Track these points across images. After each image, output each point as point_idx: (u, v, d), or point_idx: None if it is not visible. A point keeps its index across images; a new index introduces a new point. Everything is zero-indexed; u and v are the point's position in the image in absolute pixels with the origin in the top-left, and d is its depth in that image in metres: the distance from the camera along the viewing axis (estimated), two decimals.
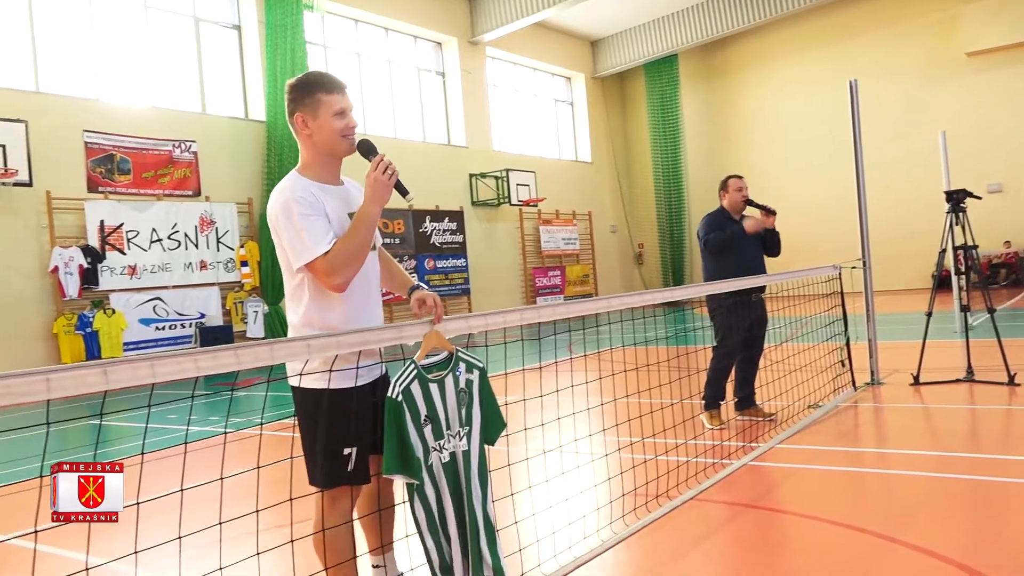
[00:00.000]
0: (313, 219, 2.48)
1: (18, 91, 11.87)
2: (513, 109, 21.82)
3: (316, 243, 2.45)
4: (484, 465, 2.71)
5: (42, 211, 11.76)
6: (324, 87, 2.60)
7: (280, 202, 2.51)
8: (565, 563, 3.35)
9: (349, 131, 2.63)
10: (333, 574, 2.56)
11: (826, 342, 6.96)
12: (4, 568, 3.31)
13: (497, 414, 2.77)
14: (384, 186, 2.54)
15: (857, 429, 5.86)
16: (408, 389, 2.50)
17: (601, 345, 11.36)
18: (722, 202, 6.20)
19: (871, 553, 3.27)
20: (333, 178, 2.70)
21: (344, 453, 2.50)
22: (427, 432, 2.53)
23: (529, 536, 3.42)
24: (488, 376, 2.77)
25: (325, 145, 2.62)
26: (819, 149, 21.29)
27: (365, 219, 2.52)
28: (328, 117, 2.59)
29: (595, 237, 23.08)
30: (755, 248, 6.10)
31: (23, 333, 11.47)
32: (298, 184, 2.57)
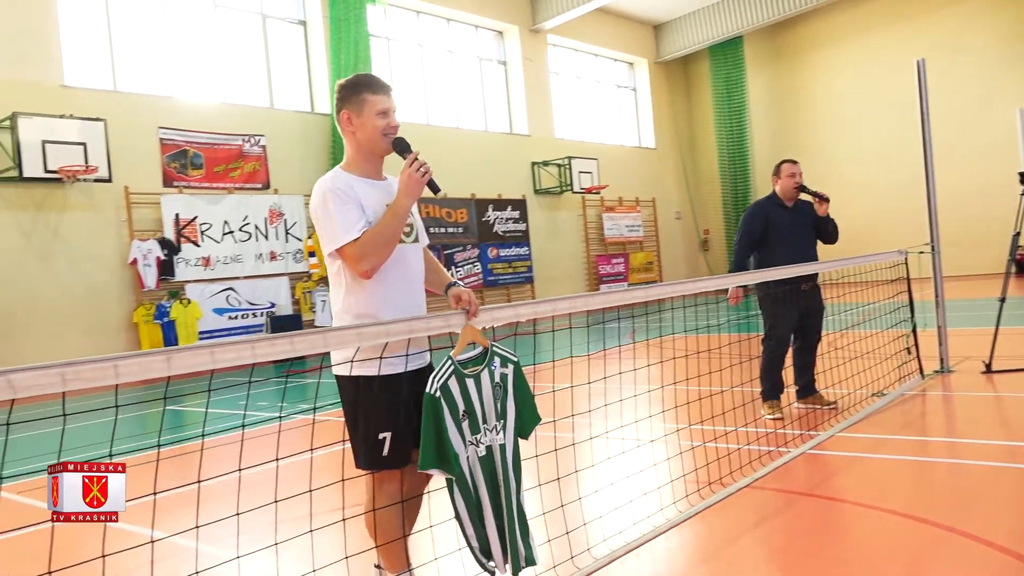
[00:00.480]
0: (346, 208, 2.60)
1: (97, 91, 12.40)
2: (575, 96, 21.74)
3: (347, 230, 2.57)
4: (518, 458, 2.78)
5: (121, 205, 12.27)
6: (370, 87, 2.74)
7: (319, 194, 2.65)
8: (616, 547, 3.40)
9: (390, 131, 2.75)
10: (383, 551, 2.69)
11: (891, 329, 6.80)
12: (79, 541, 3.53)
13: (531, 408, 2.81)
14: (417, 183, 2.65)
15: (924, 418, 5.73)
16: (446, 385, 2.56)
17: (664, 332, 11.30)
18: (774, 188, 6.02)
19: (927, 543, 3.23)
20: (375, 174, 2.82)
21: (379, 438, 2.60)
22: (465, 427, 2.59)
23: (576, 519, 3.48)
24: (523, 370, 2.81)
25: (367, 142, 2.76)
26: (888, 131, 20.62)
27: (396, 211, 2.64)
28: (371, 116, 2.72)
29: (659, 223, 22.88)
30: (804, 240, 5.91)
31: (106, 323, 12.02)
32: (338, 178, 2.70)
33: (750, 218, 5.94)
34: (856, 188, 21.36)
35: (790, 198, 5.95)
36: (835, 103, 22.23)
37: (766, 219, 5.86)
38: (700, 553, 3.39)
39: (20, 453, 6.18)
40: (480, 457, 2.63)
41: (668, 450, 4.64)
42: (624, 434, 4.84)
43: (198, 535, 2.18)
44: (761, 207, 5.98)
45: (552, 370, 5.73)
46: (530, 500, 3.44)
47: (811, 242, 5.97)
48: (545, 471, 3.74)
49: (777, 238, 5.83)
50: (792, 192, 5.91)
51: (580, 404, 4.66)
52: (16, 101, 11.15)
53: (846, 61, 22.02)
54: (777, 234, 5.83)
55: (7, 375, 1.77)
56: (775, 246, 5.82)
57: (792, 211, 5.94)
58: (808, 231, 5.94)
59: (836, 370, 6.17)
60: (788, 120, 23.22)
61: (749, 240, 5.88)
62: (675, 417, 5.45)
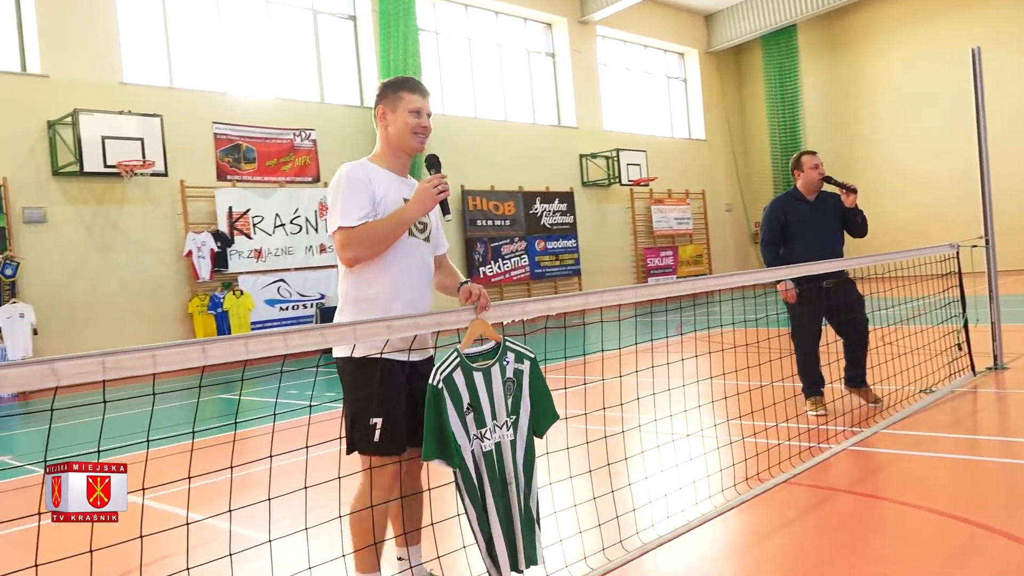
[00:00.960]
0: (356, 195, 2.65)
1: (154, 87, 12.76)
2: (624, 88, 21.60)
3: (345, 216, 2.61)
4: (531, 456, 2.75)
5: (176, 199, 12.61)
6: (408, 87, 2.83)
7: (337, 176, 2.72)
8: (648, 540, 3.41)
9: (421, 130, 2.81)
10: (356, 547, 2.67)
11: (941, 324, 6.64)
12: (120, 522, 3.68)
13: (548, 406, 2.78)
14: (432, 197, 2.70)
15: (974, 415, 5.60)
16: (450, 377, 2.55)
17: (712, 325, 11.21)
18: (796, 182, 5.79)
19: (966, 542, 3.17)
20: (400, 171, 2.87)
21: (371, 423, 2.60)
22: (469, 420, 2.57)
23: (609, 511, 3.49)
24: (540, 367, 2.79)
25: (396, 137, 2.82)
26: (943, 121, 20.03)
27: (401, 215, 2.67)
28: (404, 112, 2.79)
29: (709, 216, 22.62)
30: (826, 235, 5.68)
31: (162, 313, 12.39)
32: (360, 166, 2.76)
33: (766, 218, 5.80)
34: (911, 180, 20.86)
35: (813, 191, 5.74)
36: (890, 93, 21.69)
37: (784, 217, 5.70)
38: (733, 547, 3.39)
39: (67, 440, 6.43)
40: (485, 452, 2.61)
41: (706, 444, 4.62)
42: (665, 427, 4.84)
43: (231, 518, 2.27)
44: (778, 204, 5.80)
45: (601, 361, 5.76)
46: (565, 489, 3.48)
47: (835, 236, 5.73)
48: (580, 462, 3.76)
49: (795, 234, 5.67)
50: (816, 184, 5.70)
51: (625, 395, 4.66)
52: (78, 98, 11.54)
53: (901, 50, 21.46)
54: (796, 230, 5.66)
55: (51, 363, 1.86)
56: (795, 242, 5.67)
57: (814, 205, 5.74)
58: (832, 225, 5.72)
59: (884, 366, 6.04)
60: (842, 111, 22.72)
61: (769, 239, 5.75)
62: (718, 411, 5.42)
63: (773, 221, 5.73)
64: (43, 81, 11.59)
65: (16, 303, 10.74)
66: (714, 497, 3.88)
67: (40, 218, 11.34)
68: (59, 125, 11.41)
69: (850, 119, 22.53)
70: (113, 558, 2.30)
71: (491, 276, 16.98)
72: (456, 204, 16.68)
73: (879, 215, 21.68)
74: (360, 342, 2.56)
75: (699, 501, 3.82)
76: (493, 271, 17.05)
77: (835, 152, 21.79)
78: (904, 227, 19.43)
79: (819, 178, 5.67)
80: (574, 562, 3.13)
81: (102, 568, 2.74)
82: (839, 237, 5.74)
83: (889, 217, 21.04)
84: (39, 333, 10.91)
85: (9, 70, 11.57)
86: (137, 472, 2.59)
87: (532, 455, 2.75)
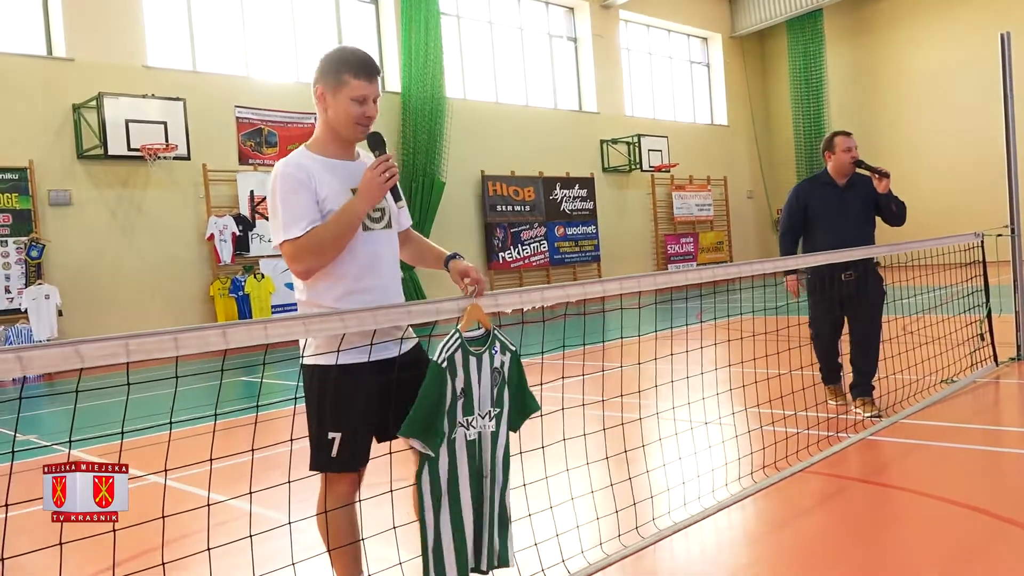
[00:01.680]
0: (294, 199, 2.38)
1: (178, 71, 12.85)
2: (646, 73, 21.45)
3: (288, 228, 2.37)
4: (507, 451, 2.62)
5: (199, 182, 12.71)
6: (351, 68, 2.44)
7: (272, 176, 2.45)
8: (664, 527, 3.42)
9: (364, 120, 2.48)
10: (334, 557, 2.49)
11: (964, 314, 6.57)
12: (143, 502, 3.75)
13: (525, 402, 2.66)
14: (379, 187, 2.40)
15: (996, 406, 5.56)
16: (452, 357, 2.42)
17: (733, 312, 11.16)
18: (827, 164, 5.43)
19: (982, 533, 3.15)
20: (343, 154, 2.55)
21: (328, 438, 2.40)
22: (458, 406, 2.45)
23: (626, 498, 3.50)
24: (521, 360, 2.66)
25: (336, 124, 2.49)
26: (972, 108, 19.69)
27: (349, 214, 2.39)
28: (346, 100, 2.44)
29: (730, 203, 22.46)
30: (855, 222, 5.30)
31: (184, 296, 12.52)
32: (293, 163, 2.45)
33: (787, 204, 5.54)
34: (936, 168, 20.58)
35: (845, 175, 5.37)
36: (916, 80, 21.38)
37: (806, 203, 5.40)
38: (748, 535, 3.39)
39: (90, 420, 6.53)
40: (468, 441, 2.48)
41: (724, 432, 4.62)
42: (682, 415, 4.84)
43: (251, 499, 2.30)
44: (802, 190, 5.49)
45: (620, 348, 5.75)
46: (582, 476, 3.49)
47: (864, 224, 5.35)
48: (597, 449, 3.78)
49: (819, 222, 5.34)
50: (848, 168, 5.32)
51: (640, 382, 4.67)
52: (102, 82, 11.63)
53: (928, 36, 21.12)
54: (820, 218, 5.33)
55: (76, 345, 1.89)
56: (817, 231, 5.35)
57: (844, 190, 5.37)
58: (863, 212, 5.35)
59: (905, 355, 6.00)
60: (868, 97, 22.43)
61: (789, 226, 5.48)
62: (736, 399, 5.41)
63: (794, 207, 5.45)
64: (68, 65, 11.70)
65: (42, 284, 10.90)
66: (730, 485, 3.88)
67: (65, 201, 11.48)
68: (84, 108, 11.52)
69: (875, 106, 22.24)
70: (134, 537, 2.34)
71: (510, 262, 16.99)
72: (476, 189, 16.69)
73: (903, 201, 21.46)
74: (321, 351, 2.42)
75: (715, 489, 3.82)
76: (512, 257, 17.05)
77: (859, 138, 21.28)
78: (929, 215, 19.14)
79: (851, 162, 5.29)
80: (590, 548, 3.15)
81: (125, 546, 2.79)
82: (869, 226, 5.38)
83: (914, 205, 20.71)
84: (64, 314, 11.07)
85: (35, 53, 11.69)
86: (158, 453, 2.64)
87: (508, 451, 2.62)
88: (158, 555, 2.20)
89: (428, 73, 15.30)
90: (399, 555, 2.63)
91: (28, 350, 1.81)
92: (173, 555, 2.34)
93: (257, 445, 2.42)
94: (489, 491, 2.54)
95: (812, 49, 22.29)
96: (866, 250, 5.12)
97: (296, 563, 2.39)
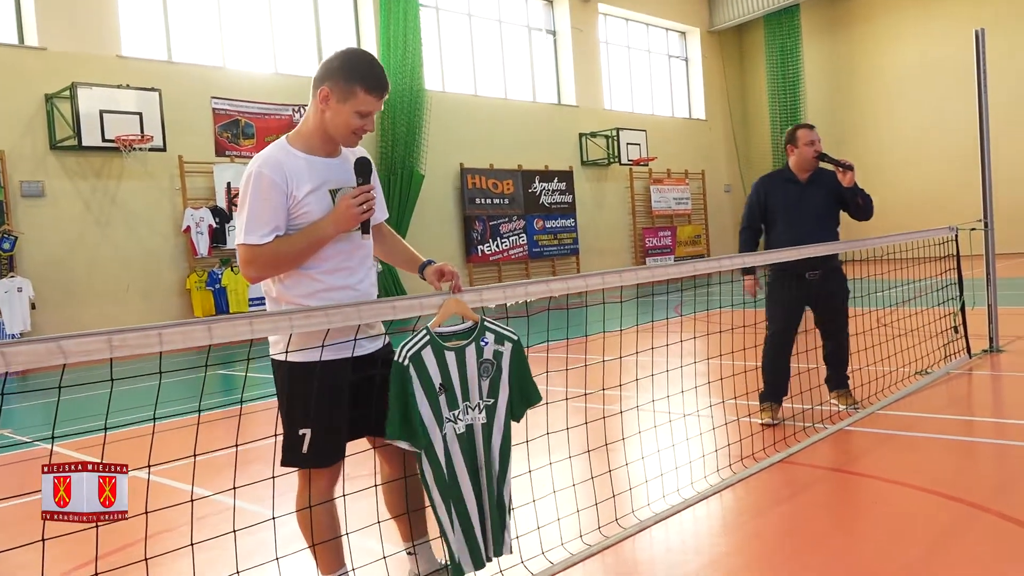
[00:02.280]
0: (262, 204, 2.35)
1: (153, 61, 12.69)
2: (625, 66, 21.49)
3: (249, 231, 2.34)
4: (507, 443, 2.62)
5: (175, 174, 12.58)
6: (367, 83, 2.41)
7: (248, 171, 2.41)
8: (645, 518, 3.45)
9: (362, 132, 2.48)
10: (317, 551, 2.50)
11: (938, 307, 6.68)
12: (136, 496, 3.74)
13: (528, 390, 2.67)
14: (353, 217, 2.38)
15: (969, 397, 5.66)
16: (418, 355, 2.42)
17: (705, 307, 11.25)
18: (789, 158, 5.16)
19: (955, 520, 3.22)
20: (327, 151, 2.52)
21: (299, 434, 2.39)
22: (442, 401, 2.46)
23: (606, 490, 3.54)
24: (523, 349, 2.66)
25: (332, 130, 2.46)
26: (947, 104, 19.95)
27: (314, 234, 2.38)
28: (351, 111, 2.41)
29: (708, 197, 22.60)
30: (817, 218, 5.05)
31: (160, 288, 12.40)
32: (273, 161, 2.40)
33: (748, 199, 5.27)
34: (911, 162, 20.84)
35: (807, 169, 5.10)
36: (891, 75, 21.61)
37: (765, 199, 5.14)
38: (727, 524, 3.44)
39: (72, 414, 6.47)
40: (459, 435, 2.50)
41: (702, 424, 4.67)
42: (662, 408, 4.88)
43: (235, 495, 2.30)
44: (761, 186, 5.22)
45: (602, 341, 5.79)
46: (564, 469, 3.52)
47: (827, 221, 5.10)
48: (578, 442, 3.81)
49: (779, 219, 5.08)
50: (811, 163, 5.07)
51: (621, 376, 4.70)
52: (76, 71, 11.47)
53: (904, 32, 21.34)
54: (780, 214, 5.08)
55: (58, 341, 1.88)
56: (777, 228, 5.10)
57: (806, 186, 5.10)
58: (826, 208, 5.09)
59: (879, 347, 6.08)
60: (843, 92, 22.64)
61: (748, 224, 5.23)
62: (714, 391, 5.46)
63: (752, 203, 5.20)
64: (40, 54, 11.52)
65: (14, 277, 10.75)
66: (710, 476, 3.93)
67: (38, 192, 11.32)
68: (57, 98, 11.35)
69: (851, 100, 22.45)
70: (117, 530, 2.33)
71: (489, 255, 16.99)
72: (455, 182, 16.66)
73: (879, 197, 21.55)
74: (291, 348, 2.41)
75: (695, 480, 3.87)
76: (491, 249, 17.05)
77: (835, 133, 21.73)
78: (904, 209, 19.43)
79: (814, 156, 5.04)
80: (570, 540, 3.18)
81: (106, 540, 2.77)
82: (832, 223, 5.14)
83: (889, 199, 21.02)
84: (37, 307, 10.92)
85: (6, 42, 11.49)
86: (134, 447, 2.63)
87: (509, 441, 2.63)
88: (137, 549, 2.19)
89: (407, 65, 15.24)
90: (383, 548, 2.64)
91: (11, 346, 1.80)
92: (154, 550, 2.34)
93: (235, 439, 2.42)
94: (487, 482, 2.56)
95: (789, 44, 22.44)
96: (837, 246, 5.01)
97: (280, 558, 2.39)
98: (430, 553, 2.77)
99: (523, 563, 2.93)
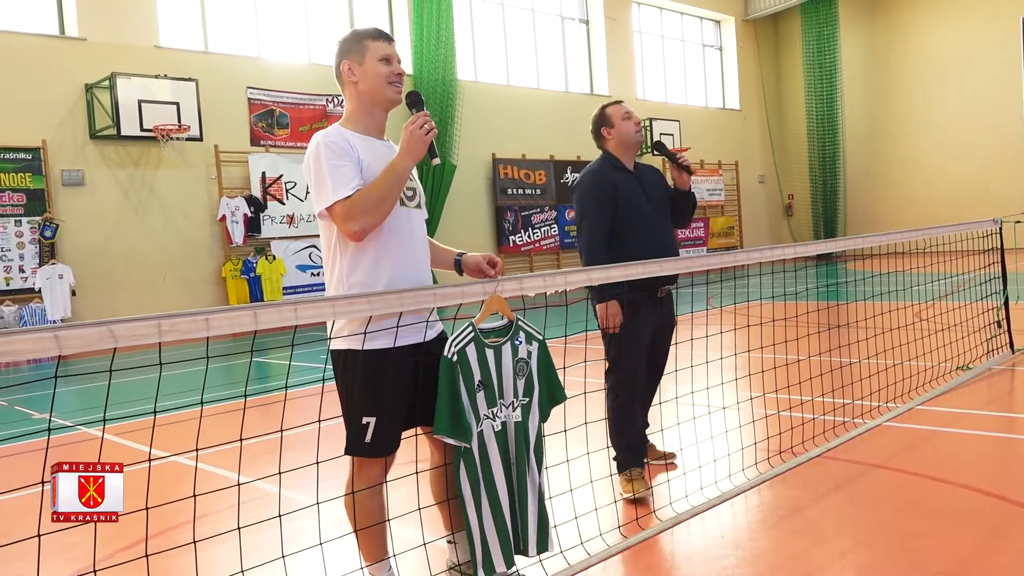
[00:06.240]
0: (340, 165, 2.42)
1: (190, 51, 12.82)
2: (658, 56, 21.30)
3: (337, 188, 2.39)
4: (540, 440, 2.63)
5: (211, 163, 12.72)
6: (371, 35, 2.59)
7: (312, 148, 2.47)
8: (682, 511, 3.43)
9: (396, 78, 2.56)
10: (361, 537, 2.51)
11: (981, 301, 6.55)
12: (174, 481, 3.78)
13: (554, 389, 2.69)
14: (420, 140, 2.43)
15: (1011, 393, 5.55)
16: (463, 351, 2.44)
17: (739, 299, 11.14)
18: (607, 145, 3.99)
19: (1003, 520, 3.16)
20: (376, 132, 2.62)
21: (363, 422, 2.42)
22: (480, 398, 2.47)
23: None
24: (548, 349, 2.67)
25: (370, 92, 2.56)
26: (991, 93, 19.48)
27: (395, 170, 2.43)
28: (374, 62, 2.54)
29: (741, 188, 22.36)
30: (662, 220, 3.97)
31: (196, 277, 12.56)
32: (334, 132, 2.51)
33: (592, 190, 3.84)
34: (952, 153, 20.42)
35: (632, 151, 3.99)
36: (931, 63, 21.17)
37: (614, 190, 3.81)
38: (765, 519, 3.40)
39: (119, 398, 6.58)
40: (496, 432, 2.52)
41: (741, 417, 4.63)
42: (698, 400, 4.85)
43: (280, 480, 2.32)
44: (599, 174, 3.90)
45: None
46: (602, 459, 3.50)
47: (669, 223, 4.05)
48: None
49: (629, 220, 3.81)
50: (634, 143, 3.96)
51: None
52: (115, 62, 11.63)
53: (944, 19, 20.88)
54: (628, 212, 3.82)
55: (109, 325, 1.90)
56: (628, 229, 3.80)
57: (639, 177, 3.97)
58: (664, 208, 4.01)
59: (921, 342, 5.98)
60: (882, 81, 22.24)
61: (601, 223, 3.79)
62: (751, 385, 5.41)
63: (604, 200, 3.81)
64: (81, 44, 11.69)
65: (55, 264, 10.95)
66: (747, 470, 3.89)
67: (78, 180, 11.51)
68: (96, 88, 11.52)
69: (890, 89, 22.06)
70: (160, 515, 2.36)
71: (520, 245, 16.98)
72: (487, 172, 16.65)
73: (919, 189, 21.38)
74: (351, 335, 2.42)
75: (732, 473, 3.83)
76: (523, 240, 17.04)
77: (874, 123, 21.43)
78: (945, 201, 19.11)
79: (636, 131, 3.95)
80: (608, 530, 3.17)
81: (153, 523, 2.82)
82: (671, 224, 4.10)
83: (929, 191, 20.69)
84: (77, 294, 11.13)
85: (48, 33, 11.68)
86: (184, 431, 2.66)
87: (541, 438, 2.64)
88: (176, 535, 2.22)
89: (440, 55, 15.23)
90: (423, 536, 2.65)
91: (64, 329, 1.83)
92: (195, 534, 2.37)
93: (275, 426, 2.44)
94: (520, 479, 2.57)
95: (826, 32, 22.08)
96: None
97: (324, 543, 2.41)
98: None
99: (562, 553, 2.93)
